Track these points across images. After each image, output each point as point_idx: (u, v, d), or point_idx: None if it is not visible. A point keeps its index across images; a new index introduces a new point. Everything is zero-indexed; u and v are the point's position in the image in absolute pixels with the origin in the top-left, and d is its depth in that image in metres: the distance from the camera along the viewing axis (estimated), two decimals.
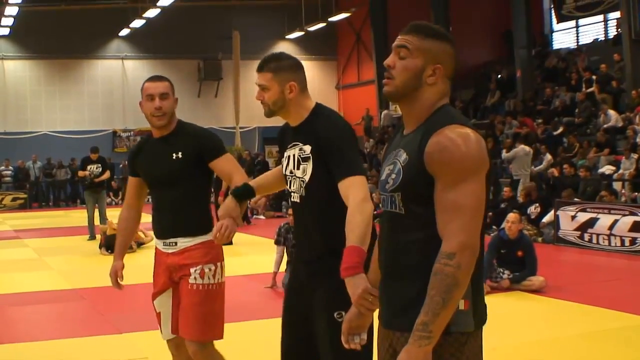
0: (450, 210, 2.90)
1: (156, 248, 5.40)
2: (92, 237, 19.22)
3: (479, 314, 3.09)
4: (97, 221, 19.05)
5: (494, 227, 19.24)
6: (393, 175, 3.09)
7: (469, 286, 2.96)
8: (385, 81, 3.15)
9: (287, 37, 39.85)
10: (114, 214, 19.11)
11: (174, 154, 5.19)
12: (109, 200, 29.33)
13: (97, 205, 19.20)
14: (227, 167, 5.21)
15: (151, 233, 16.60)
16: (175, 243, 5.21)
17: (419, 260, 3.01)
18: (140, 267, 15.03)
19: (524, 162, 21.86)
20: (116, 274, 5.48)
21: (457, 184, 2.90)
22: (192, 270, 5.11)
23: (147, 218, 5.88)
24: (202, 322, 5.05)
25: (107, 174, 19.35)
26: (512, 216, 11.92)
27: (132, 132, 38.87)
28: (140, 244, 17.50)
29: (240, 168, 5.27)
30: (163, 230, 5.27)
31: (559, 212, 17.19)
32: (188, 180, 5.17)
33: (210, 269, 5.15)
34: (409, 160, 3.03)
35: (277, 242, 11.61)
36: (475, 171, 2.92)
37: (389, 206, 3.14)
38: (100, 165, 19.19)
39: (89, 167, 19.05)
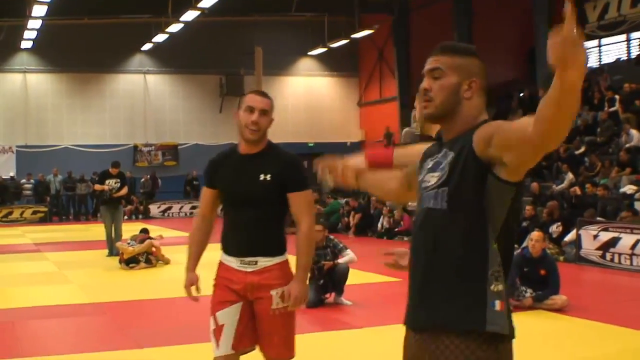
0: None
1: (223, 264, 5.36)
2: (111, 254, 18.96)
3: (511, 322, 3.10)
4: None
5: (515, 245, 19.16)
6: (437, 173, 3.17)
7: (502, 289, 3.03)
8: (424, 104, 3.23)
9: (309, 53, 40.01)
10: (134, 229, 19.20)
11: (262, 175, 5.13)
12: (126, 216, 29.41)
13: (113, 221, 19.01)
14: (301, 206, 5.18)
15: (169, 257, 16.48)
16: (256, 262, 5.14)
17: (460, 255, 3.06)
18: (160, 282, 15.10)
19: None
20: (192, 285, 5.50)
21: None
22: (273, 293, 5.09)
23: (167, 232, 5.90)
24: (288, 342, 5.19)
25: (124, 190, 19.25)
26: (535, 234, 11.86)
27: (153, 147, 39.02)
28: (158, 260, 17.46)
29: (311, 212, 5.24)
30: (241, 248, 5.19)
31: (581, 231, 17.11)
32: (272, 202, 5.13)
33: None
34: (455, 157, 3.13)
35: None
36: None
37: (431, 203, 3.18)
38: (119, 180, 19.09)
39: (107, 182, 18.97)
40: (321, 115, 40.71)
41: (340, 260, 11.89)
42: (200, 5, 29.81)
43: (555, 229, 18.21)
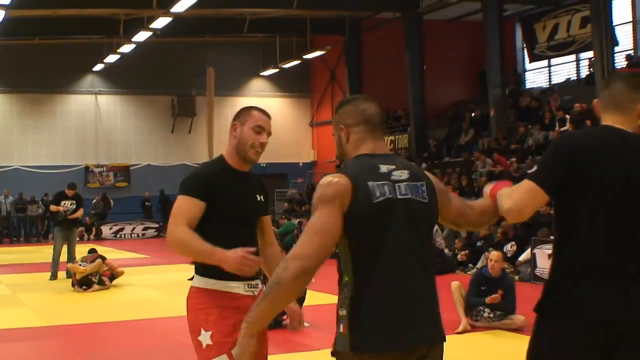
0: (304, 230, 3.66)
1: (216, 291, 4.73)
2: (54, 277, 18.62)
3: (359, 340, 3.55)
4: (64, 257, 18.64)
5: (470, 264, 19.22)
6: None
7: (346, 313, 3.60)
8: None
9: (261, 73, 39.91)
10: (83, 251, 18.93)
11: (258, 196, 5.03)
12: (78, 238, 29.00)
13: (67, 242, 18.61)
14: (270, 228, 5.22)
15: (123, 269, 16.37)
16: (257, 284, 4.86)
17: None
18: (114, 304, 14.87)
19: None
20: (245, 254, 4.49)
21: (312, 213, 3.66)
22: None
23: (119, 254, 5.71)
24: None
25: (80, 212, 18.95)
26: (495, 254, 11.83)
27: (105, 168, 38.64)
28: (113, 278, 17.27)
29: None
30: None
31: (535, 250, 17.16)
32: (257, 223, 5.06)
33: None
34: None
35: None
36: (319, 205, 3.62)
37: None
38: (75, 201, 18.80)
39: (62, 203, 18.67)
40: (273, 135, 39.91)
41: None
42: (152, 25, 29.51)
43: (509, 248, 18.24)
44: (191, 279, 5.00)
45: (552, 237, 17.68)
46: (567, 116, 25.62)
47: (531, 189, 3.81)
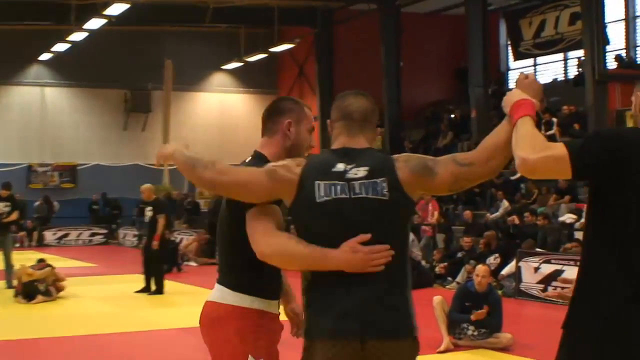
0: None
1: (265, 312, 4.42)
2: (10, 286, 17.92)
3: (311, 325, 3.95)
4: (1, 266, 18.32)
5: (449, 278, 19.12)
6: None
7: (304, 301, 4.00)
8: None
9: (224, 67, 39.68)
10: (26, 258, 18.60)
11: None
12: (18, 244, 28.67)
13: (2, 249, 18.16)
14: None
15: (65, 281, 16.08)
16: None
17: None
18: (59, 318, 14.60)
19: None
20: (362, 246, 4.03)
21: None
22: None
23: (64, 262, 5.47)
24: None
25: (15, 215, 18.53)
26: (482, 269, 11.72)
27: (49, 167, 38.23)
28: (59, 290, 17.02)
29: None
30: (279, 288, 4.63)
31: (520, 264, 17.07)
32: None
33: None
34: None
35: None
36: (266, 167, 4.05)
37: None
38: (9, 203, 18.40)
39: None
40: (236, 134, 40.24)
41: None
42: (106, 12, 29.18)
43: (492, 260, 18.14)
44: (151, 292, 4.68)
45: (537, 249, 17.64)
46: (554, 119, 25.62)
47: (560, 156, 3.55)
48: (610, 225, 3.61)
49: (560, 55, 32.13)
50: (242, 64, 38.10)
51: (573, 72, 30.79)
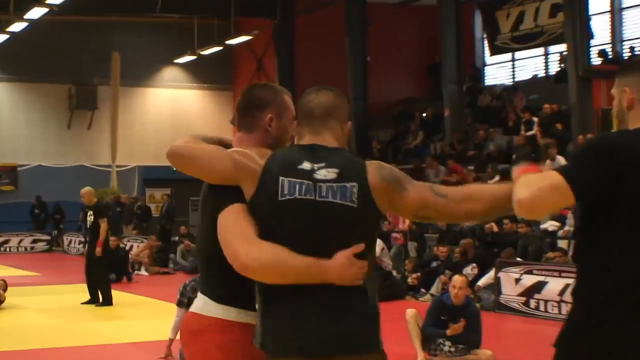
0: None
1: (251, 325, 4.25)
2: None
3: (262, 339, 3.92)
4: None
5: (422, 289, 18.98)
6: None
7: (258, 308, 3.95)
8: None
9: (175, 61, 39.39)
10: None
11: None
12: None
13: None
14: None
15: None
16: None
17: None
18: (3, 331, 14.36)
19: None
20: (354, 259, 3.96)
21: None
22: None
23: (3, 271, 5.22)
24: None
25: None
26: (459, 280, 11.62)
27: None
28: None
29: None
30: None
31: (500, 274, 16.94)
32: None
33: None
34: None
35: (179, 304, 10.99)
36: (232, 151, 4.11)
37: None
38: None
39: None
40: (189, 133, 39.95)
41: None
42: (48, 1, 28.87)
43: (470, 271, 18.00)
44: (99, 303, 4.43)
45: (518, 259, 17.53)
46: (535, 118, 25.64)
47: (556, 184, 3.54)
48: (605, 237, 3.66)
49: (541, 50, 32.15)
50: (195, 57, 37.76)
51: (554, 67, 30.83)
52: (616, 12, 29.31)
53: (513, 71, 33.93)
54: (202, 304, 4.24)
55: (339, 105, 4.12)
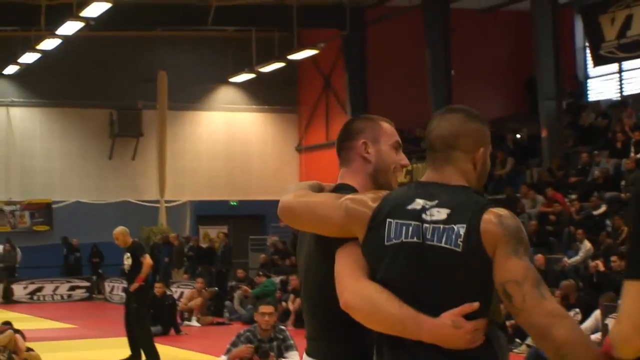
0: None
1: None
2: None
3: None
4: None
5: (517, 340, 18.80)
6: None
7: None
8: None
9: (231, 80, 39.57)
10: None
11: None
12: None
13: None
14: None
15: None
16: None
17: None
18: None
19: None
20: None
21: None
22: None
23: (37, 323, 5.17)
24: None
25: None
26: None
27: (19, 206, 38.19)
28: None
29: None
30: None
31: (608, 321, 16.69)
32: None
33: None
34: None
35: (227, 352, 11.01)
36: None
37: None
38: None
39: None
40: (247, 163, 40.23)
41: None
42: (83, 14, 29.08)
43: (573, 316, 17.78)
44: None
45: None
46: None
47: (636, 292, 3.33)
48: None
49: None
50: (254, 75, 37.98)
51: None
52: None
53: (620, 84, 33.63)
54: None
55: (466, 132, 3.98)
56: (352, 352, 4.18)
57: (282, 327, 12.16)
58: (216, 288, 27.99)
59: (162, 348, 18.08)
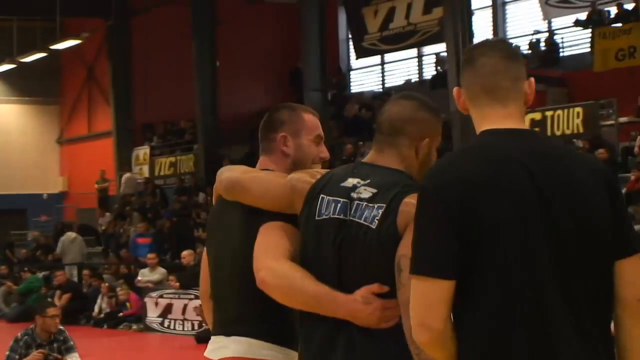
0: None
1: None
2: None
3: None
4: None
5: None
6: None
7: None
8: None
9: None
10: None
11: None
12: None
13: None
14: None
15: None
16: None
17: None
18: None
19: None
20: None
21: None
22: None
23: None
24: None
25: None
26: None
27: None
28: None
29: None
30: None
31: None
32: None
33: None
34: None
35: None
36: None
37: None
38: None
39: None
40: (6, 155, 39.38)
41: None
42: None
43: None
44: None
45: None
46: None
47: (421, 288, 3.45)
48: None
49: (414, 51, 32.42)
50: (14, 65, 37.13)
51: (430, 71, 31.11)
52: (499, 7, 29.77)
53: (383, 76, 34.17)
54: (245, 347, 4.31)
55: (415, 119, 4.02)
56: (281, 326, 4.25)
57: (61, 327, 11.87)
58: None
59: None
